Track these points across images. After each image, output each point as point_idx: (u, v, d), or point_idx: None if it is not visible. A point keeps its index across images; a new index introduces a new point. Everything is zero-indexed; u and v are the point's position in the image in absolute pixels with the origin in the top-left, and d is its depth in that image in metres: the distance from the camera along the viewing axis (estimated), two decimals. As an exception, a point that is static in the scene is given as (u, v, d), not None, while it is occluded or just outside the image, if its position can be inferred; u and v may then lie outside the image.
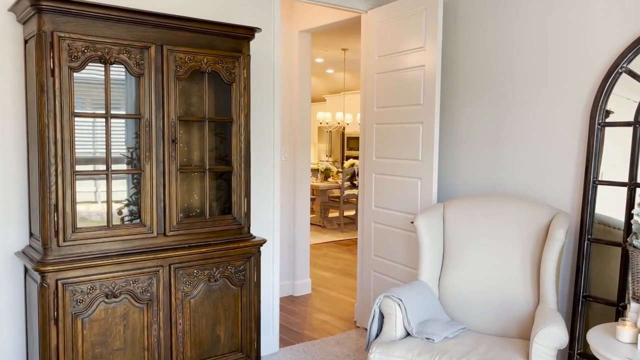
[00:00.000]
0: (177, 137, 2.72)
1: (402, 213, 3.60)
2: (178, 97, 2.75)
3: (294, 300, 4.81)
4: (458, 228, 2.94)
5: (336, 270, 5.97)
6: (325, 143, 12.82)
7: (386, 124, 3.74)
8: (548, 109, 2.98)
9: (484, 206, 2.92)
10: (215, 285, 2.84)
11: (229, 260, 2.88)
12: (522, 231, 2.77)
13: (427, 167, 3.37)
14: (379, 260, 3.85)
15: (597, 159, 2.77)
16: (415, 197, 3.47)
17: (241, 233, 2.98)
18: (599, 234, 2.78)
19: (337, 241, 7.64)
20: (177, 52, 2.70)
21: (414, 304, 2.68)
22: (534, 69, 3.05)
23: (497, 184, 3.25)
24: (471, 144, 3.40)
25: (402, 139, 3.57)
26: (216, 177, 3.10)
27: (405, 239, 3.58)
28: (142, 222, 2.66)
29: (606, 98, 2.72)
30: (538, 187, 3.04)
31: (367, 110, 3.94)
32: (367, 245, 3.97)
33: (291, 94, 4.90)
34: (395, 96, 3.64)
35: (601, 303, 2.73)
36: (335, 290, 5.15)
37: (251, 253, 2.96)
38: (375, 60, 3.83)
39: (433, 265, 2.93)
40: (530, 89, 3.07)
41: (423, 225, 2.91)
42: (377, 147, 3.84)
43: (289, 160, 4.92)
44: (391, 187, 3.69)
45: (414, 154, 3.48)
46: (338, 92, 12.33)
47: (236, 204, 2.96)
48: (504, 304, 2.72)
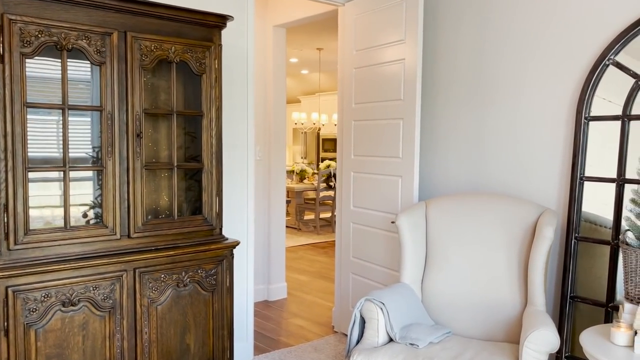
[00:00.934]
0: (142, 131, 2.52)
1: (382, 213, 3.46)
2: (143, 88, 2.56)
3: (269, 305, 4.62)
4: (441, 227, 2.81)
5: (312, 273, 5.81)
6: (300, 145, 12.66)
7: (365, 120, 3.60)
8: (533, 104, 2.88)
9: (468, 204, 2.80)
10: (184, 291, 2.65)
11: (199, 264, 2.69)
12: (508, 230, 2.65)
13: (408, 165, 3.24)
14: (358, 262, 3.70)
15: (584, 155, 2.67)
16: (396, 196, 3.33)
17: (212, 235, 2.79)
18: (585, 232, 2.68)
19: (313, 244, 7.47)
20: (142, 40, 2.50)
21: (397, 307, 2.54)
22: (518, 62, 2.94)
23: (480, 182, 3.14)
24: (454, 141, 3.29)
25: (382, 135, 3.44)
26: (186, 176, 2.91)
27: (385, 239, 3.44)
28: (104, 223, 2.45)
29: (593, 91, 2.63)
30: (523, 185, 2.93)
31: (345, 106, 3.79)
32: (346, 246, 3.82)
33: (265, 91, 4.73)
34: (374, 91, 3.51)
35: (589, 304, 2.63)
36: (312, 294, 4.99)
37: (223, 256, 2.77)
38: (353, 55, 3.69)
39: (416, 267, 2.79)
40: (514, 82, 2.96)
41: (405, 224, 2.77)
42: (356, 145, 3.69)
43: (264, 160, 4.74)
44: (370, 186, 3.55)
45: (394, 151, 3.34)
46: (313, 93, 12.19)
47: (207, 204, 2.77)
48: (490, 306, 2.60)
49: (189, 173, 2.90)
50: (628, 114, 2.51)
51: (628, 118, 2.51)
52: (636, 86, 2.47)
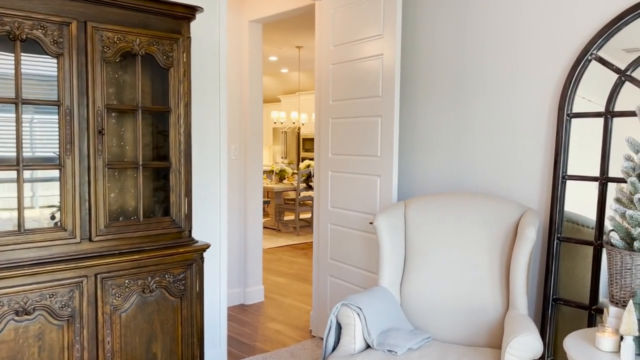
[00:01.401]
0: (104, 127, 2.37)
1: (360, 213, 3.35)
2: (106, 82, 2.41)
3: (245, 309, 4.48)
4: (421, 228, 2.71)
5: (291, 275, 5.68)
6: (280, 145, 12.52)
7: (343, 118, 3.48)
8: (515, 100, 2.80)
9: (448, 204, 2.70)
10: (150, 297, 2.50)
11: (166, 268, 2.55)
12: (489, 230, 2.56)
13: (386, 164, 3.13)
14: (336, 265, 3.58)
15: (566, 153, 2.59)
16: (374, 196, 3.23)
17: (181, 237, 2.65)
18: (567, 232, 2.60)
19: (292, 245, 7.35)
20: (104, 31, 2.35)
21: (375, 312, 2.43)
22: (499, 57, 2.86)
23: (461, 181, 3.05)
24: (434, 139, 3.19)
25: (360, 133, 3.33)
26: (154, 175, 2.76)
27: (363, 241, 3.33)
28: (63, 225, 2.30)
29: (575, 87, 2.55)
30: (504, 184, 2.85)
31: (323, 103, 3.68)
32: (323, 248, 3.71)
33: (241, 88, 4.59)
34: (352, 88, 3.40)
35: (572, 306, 2.55)
36: (290, 297, 4.86)
37: (192, 260, 2.63)
38: (331, 50, 3.57)
39: (394, 269, 2.69)
40: (495, 78, 2.88)
41: (383, 225, 2.66)
42: (333, 143, 3.58)
43: (240, 159, 4.60)
44: (348, 185, 3.44)
45: (372, 150, 3.23)
46: (293, 93, 12.06)
47: (175, 205, 2.63)
48: (471, 310, 2.50)
49: (158, 173, 2.75)
50: (611, 111, 2.44)
51: (611, 115, 2.44)
52: (619, 82, 2.40)
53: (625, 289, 1.98)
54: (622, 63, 2.40)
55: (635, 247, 1.95)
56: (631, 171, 2.02)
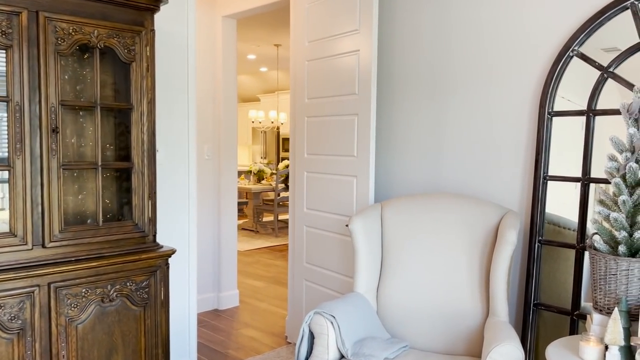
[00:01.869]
0: (58, 125, 2.21)
1: (336, 215, 3.22)
2: (62, 77, 2.25)
3: (219, 315, 4.33)
4: (398, 231, 2.59)
5: (268, 278, 5.54)
6: (260, 145, 12.35)
7: (318, 116, 3.36)
8: (495, 99, 2.70)
9: (426, 206, 2.59)
10: (110, 307, 2.34)
11: (128, 276, 2.39)
12: (469, 233, 2.45)
13: (363, 164, 3.01)
14: (312, 269, 3.45)
15: (548, 152, 2.50)
16: (351, 198, 3.10)
17: (144, 242, 2.50)
18: (548, 234, 2.51)
19: (270, 247, 7.20)
20: (57, 21, 2.19)
21: (350, 320, 2.30)
22: (478, 54, 2.76)
23: (440, 182, 2.94)
24: (412, 138, 3.08)
25: (336, 132, 3.20)
26: (116, 177, 2.60)
27: (340, 244, 3.21)
28: (12, 231, 2.13)
29: (557, 84, 2.46)
30: (484, 185, 2.75)
31: (298, 101, 3.54)
32: (299, 251, 3.57)
33: (214, 86, 4.43)
34: (328, 85, 3.27)
35: (554, 312, 2.46)
36: (266, 302, 4.71)
37: (156, 266, 2.48)
38: (306, 47, 3.44)
39: (371, 275, 2.57)
40: (474, 77, 2.77)
41: (359, 228, 2.54)
42: (309, 143, 3.45)
43: (213, 159, 4.44)
44: (324, 186, 3.31)
45: (348, 150, 3.11)
46: (272, 92, 11.90)
47: (137, 208, 2.47)
48: (450, 316, 2.39)
49: (120, 174, 2.59)
50: (593, 109, 2.35)
51: (593, 113, 2.35)
52: (602, 79, 2.31)
53: (610, 296, 1.88)
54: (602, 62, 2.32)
55: (620, 251, 1.86)
56: (615, 172, 1.92)
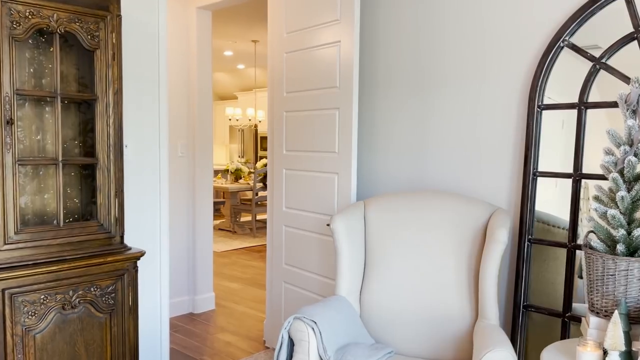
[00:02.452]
0: (13, 117, 2.02)
1: (317, 214, 3.08)
2: (17, 64, 2.06)
3: (193, 319, 4.15)
4: (382, 231, 2.46)
5: (245, 280, 5.37)
6: (237, 143, 12.14)
7: (298, 111, 3.21)
8: (481, 92, 2.59)
9: (411, 204, 2.47)
10: (72, 314, 2.16)
11: (92, 280, 2.21)
12: (456, 232, 2.33)
13: (344, 160, 2.87)
14: (291, 270, 3.30)
15: (537, 148, 2.40)
16: (332, 196, 2.96)
17: (111, 244, 2.32)
18: (537, 233, 2.41)
19: (248, 247, 7.02)
20: (12, 3, 2.00)
21: (332, 325, 2.16)
22: (464, 46, 2.64)
23: (425, 179, 2.82)
24: (396, 134, 2.96)
25: (316, 128, 3.06)
26: (80, 173, 2.41)
27: (321, 245, 3.06)
28: (-39, 233, 1.93)
29: (547, 77, 2.36)
30: (471, 182, 2.64)
31: (276, 95, 3.39)
32: (278, 252, 3.42)
33: (189, 81, 4.25)
34: (307, 78, 3.12)
35: (545, 314, 2.36)
36: (243, 304, 4.55)
37: (124, 269, 2.30)
38: (284, 38, 3.29)
39: (353, 277, 2.43)
40: (460, 69, 2.66)
41: (341, 227, 2.40)
42: (288, 139, 3.30)
43: (188, 157, 4.26)
44: (304, 184, 3.17)
45: (329, 145, 2.97)
46: (250, 90, 11.71)
47: (103, 207, 2.29)
48: (437, 320, 2.27)
49: (84, 171, 2.40)
50: (585, 102, 2.25)
51: (585, 106, 2.25)
52: (594, 70, 2.22)
53: (608, 298, 1.78)
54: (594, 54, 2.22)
55: (619, 250, 1.76)
56: (612, 166, 1.82)
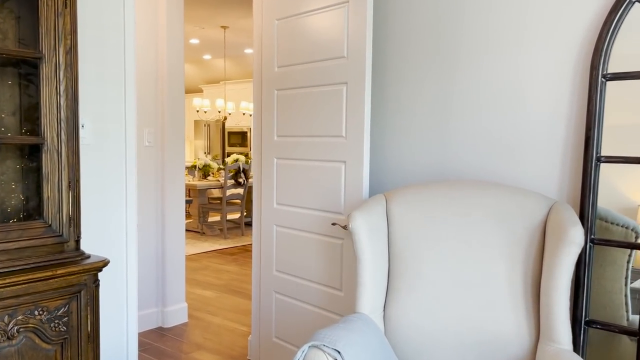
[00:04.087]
0: None
1: (318, 212, 2.58)
2: None
3: (163, 335, 3.57)
4: (410, 230, 1.98)
5: (219, 287, 4.80)
6: (203, 139, 11.47)
7: (293, 88, 2.69)
8: (524, 62, 2.14)
9: (446, 196, 1.99)
10: (9, 348, 1.59)
11: (37, 301, 1.64)
12: (506, 232, 1.87)
13: (354, 146, 2.38)
14: (284, 278, 2.79)
15: (601, 127, 1.96)
16: (338, 189, 2.46)
17: (62, 251, 1.75)
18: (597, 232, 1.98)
19: (219, 250, 6.44)
20: None
21: (357, 354, 1.66)
22: (502, 7, 2.19)
23: (450, 168, 2.36)
24: (413, 114, 2.48)
25: (317, 108, 2.55)
26: (21, 158, 1.84)
27: (322, 247, 2.56)
28: None
29: (613, 39, 1.92)
30: (508, 170, 2.18)
31: (265, 71, 2.86)
32: (267, 257, 2.89)
33: (157, 57, 3.67)
34: (305, 49, 2.61)
35: (614, 332, 1.92)
36: (220, 315, 3.99)
37: (80, 284, 1.74)
38: (275, 2, 2.77)
39: (378, 289, 1.94)
40: (497, 33, 2.20)
41: (363, 227, 1.90)
42: (280, 122, 2.78)
43: (156, 147, 3.68)
44: (301, 176, 2.66)
45: (334, 129, 2.47)
46: (217, 82, 11.08)
47: (52, 202, 1.72)
48: (486, 343, 1.80)
49: (27, 154, 1.83)
50: (665, 70, 1.83)
51: (663, 75, 1.83)
52: (679, 29, 1.80)
53: None
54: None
55: None
56: None
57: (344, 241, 2.45)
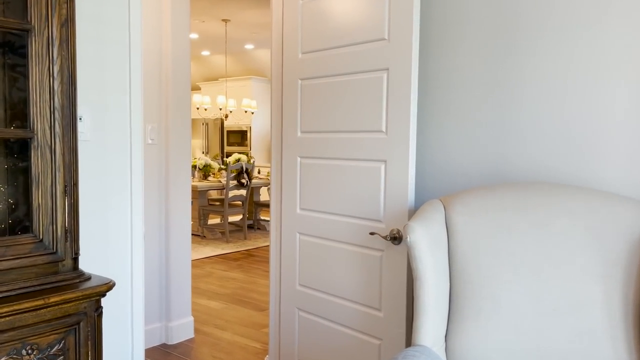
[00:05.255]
0: None
1: (351, 219, 2.24)
2: None
3: (168, 353, 3.22)
4: (477, 244, 1.65)
5: (226, 297, 4.45)
6: (201, 139, 11.10)
7: (321, 77, 2.36)
8: (612, 39, 1.81)
9: (520, 203, 1.66)
10: (-14, 400, 1.24)
11: (24, 337, 1.30)
12: (599, 248, 1.54)
13: (398, 143, 2.04)
14: (309, 294, 2.45)
15: None
16: (376, 193, 2.13)
17: (57, 272, 1.41)
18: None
19: (222, 255, 6.09)
20: None
21: (425, 400, 1.33)
22: (576, -23, 1.86)
23: (511, 170, 2.02)
24: (456, 104, 2.14)
25: (351, 98, 2.22)
26: (4, 156, 1.49)
27: (357, 260, 2.22)
28: None
29: None
30: (587, 172, 1.85)
31: (287, 59, 2.52)
32: (288, 269, 2.55)
33: (160, 44, 3.32)
34: (336, 31, 2.28)
35: None
36: (230, 330, 3.65)
37: (79, 314, 1.39)
38: (300, -20, 2.43)
39: (440, 316, 1.60)
40: (574, 8, 1.87)
41: (424, 241, 1.56)
42: (305, 116, 2.44)
43: (159, 145, 3.33)
44: (331, 177, 2.32)
45: (372, 122, 2.14)
46: (215, 79, 10.72)
47: (43, 211, 1.38)
48: (579, 383, 1.47)
49: (14, 151, 1.48)
50: None
51: None
52: None
53: None
54: None
55: None
56: None
57: (384, 253, 2.12)
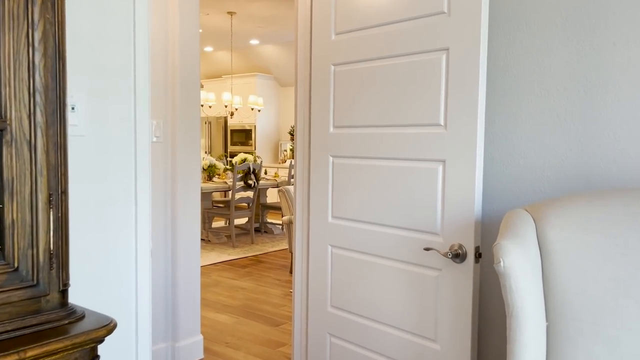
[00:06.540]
0: None
1: (398, 230, 1.87)
2: None
3: (176, 379, 2.85)
4: (585, 269, 1.28)
5: (236, 309, 4.09)
6: (203, 138, 10.73)
7: (359, 61, 1.99)
8: None
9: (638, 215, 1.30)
10: None
11: (-10, 407, 0.93)
12: None
13: (460, 139, 1.68)
14: (344, 318, 2.08)
15: None
16: (432, 200, 1.77)
17: (39, 310, 1.05)
18: None
19: (229, 261, 5.72)
20: None
21: None
22: None
23: (590, 173, 1.66)
24: (528, 94, 1.78)
25: (397, 85, 1.85)
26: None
27: (407, 280, 1.86)
28: None
29: None
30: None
31: (317, 41, 2.16)
32: (318, 287, 2.19)
33: (167, 34, 2.97)
34: (380, 5, 1.91)
35: None
36: (243, 349, 3.28)
37: (68, 371, 1.03)
38: (333, -52, 2.07)
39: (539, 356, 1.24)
40: (680, -26, 1.51)
41: (521, 265, 1.20)
42: (339, 108, 2.08)
43: (165, 143, 2.97)
44: (371, 180, 1.95)
45: (426, 114, 1.77)
46: (219, 76, 10.37)
47: (19, 229, 1.01)
48: None
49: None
50: None
51: None
52: None
53: None
54: None
55: None
56: None
57: (441, 273, 1.75)
